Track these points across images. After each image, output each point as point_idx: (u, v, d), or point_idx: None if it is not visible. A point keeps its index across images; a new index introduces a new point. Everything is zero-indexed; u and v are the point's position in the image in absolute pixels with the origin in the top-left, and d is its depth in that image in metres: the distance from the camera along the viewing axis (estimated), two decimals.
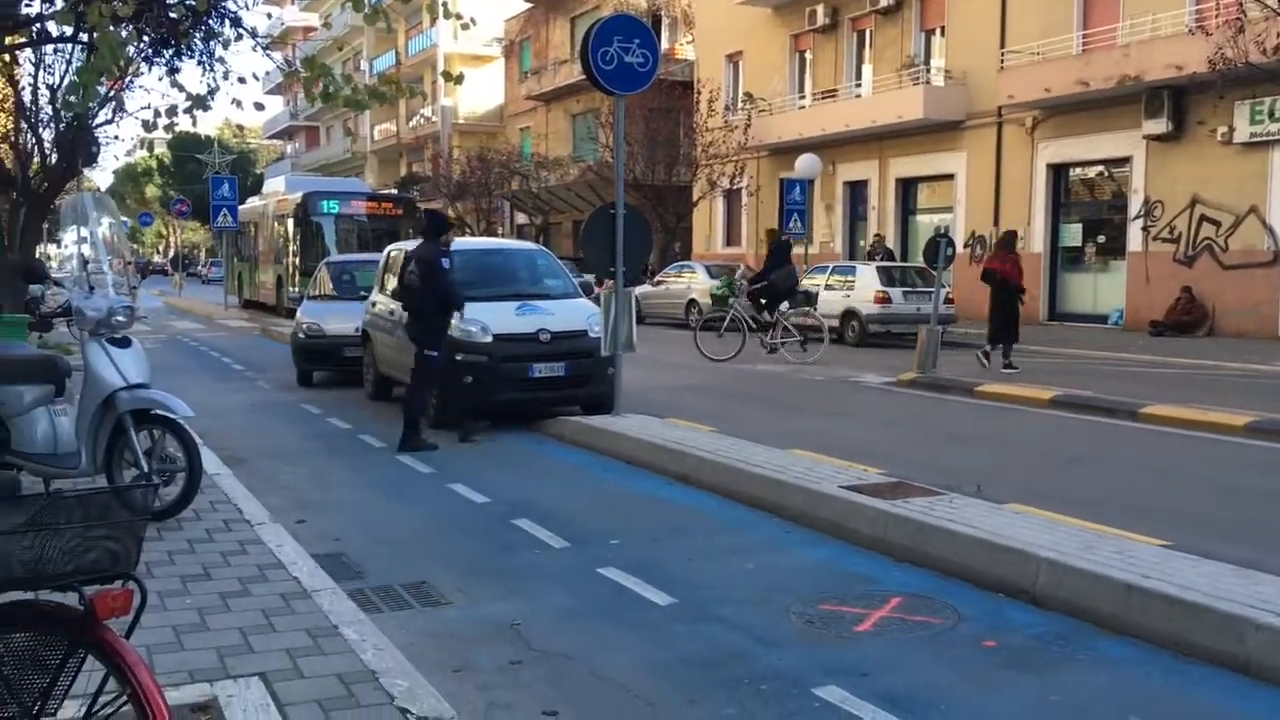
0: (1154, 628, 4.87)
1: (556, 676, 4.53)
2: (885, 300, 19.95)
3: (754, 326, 17.73)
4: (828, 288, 21.17)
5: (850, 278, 20.99)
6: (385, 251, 13.76)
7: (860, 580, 5.88)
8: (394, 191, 37.61)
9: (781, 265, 17.88)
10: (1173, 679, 4.52)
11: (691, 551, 6.44)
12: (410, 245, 12.92)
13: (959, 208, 25.86)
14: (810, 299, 18.82)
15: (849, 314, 20.42)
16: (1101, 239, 23.41)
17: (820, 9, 28.79)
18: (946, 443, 10.19)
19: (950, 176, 26.20)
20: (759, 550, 6.49)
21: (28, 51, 16.70)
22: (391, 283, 12.40)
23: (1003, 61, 23.89)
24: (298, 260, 25.67)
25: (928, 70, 26.39)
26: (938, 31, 26.64)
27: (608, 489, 8.31)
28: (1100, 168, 23.56)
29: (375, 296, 12.99)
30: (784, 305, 17.70)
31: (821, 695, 4.30)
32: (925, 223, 27.19)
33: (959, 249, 21.38)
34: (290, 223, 26.65)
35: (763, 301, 17.74)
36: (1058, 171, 23.95)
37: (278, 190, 30.61)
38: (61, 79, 18.25)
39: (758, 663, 4.67)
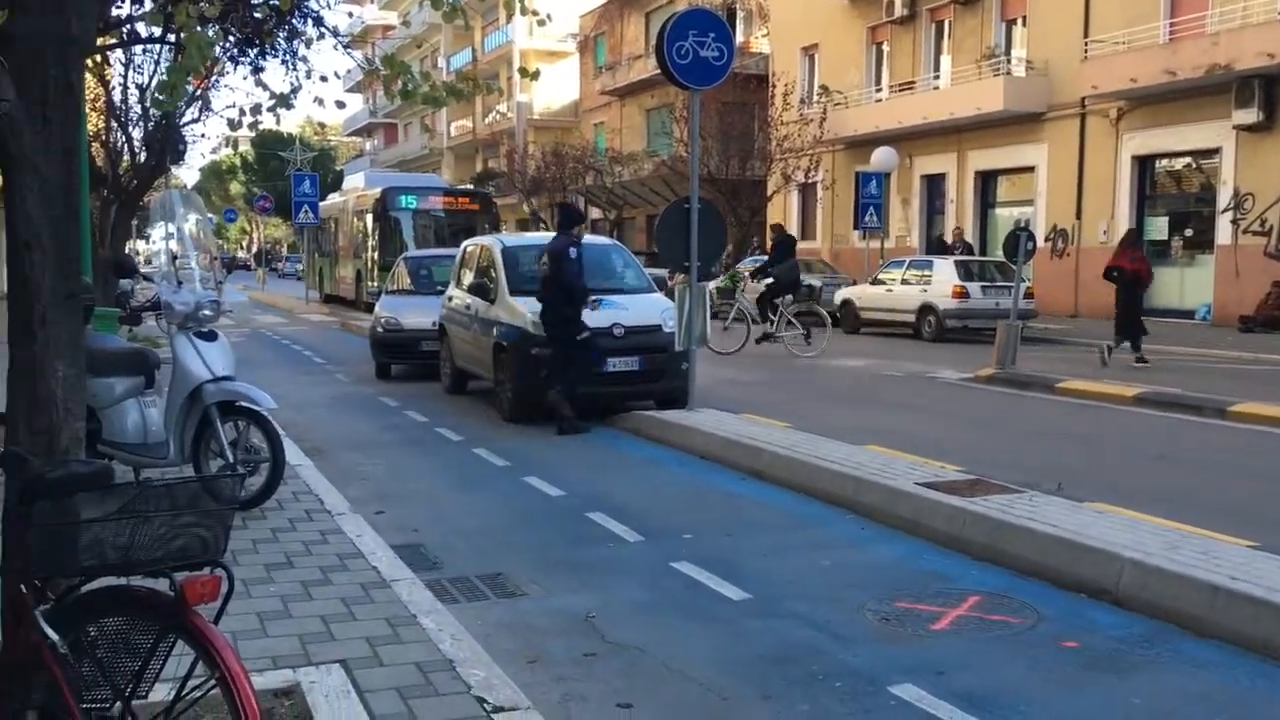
0: (1240, 630, 4.74)
1: (630, 669, 4.55)
2: (963, 295, 19.65)
3: (758, 319, 18.05)
4: (903, 282, 20.93)
5: (927, 272, 20.72)
6: (462, 247, 13.91)
7: (937, 578, 5.81)
8: (470, 187, 37.92)
9: (784, 259, 18.44)
10: (1260, 683, 4.40)
11: (765, 547, 6.42)
12: (487, 240, 13.05)
13: (1040, 201, 25.37)
14: (813, 292, 19.14)
15: (925, 309, 20.16)
16: (1189, 232, 22.80)
17: (898, 0, 28.45)
18: (1026, 440, 10.02)
19: (1031, 169, 25.72)
20: (834, 546, 6.45)
21: (118, 52, 17.18)
22: (468, 278, 12.55)
23: (1086, 51, 23.38)
24: (376, 255, 26.05)
25: (1008, 61, 25.92)
26: (1018, 21, 26.15)
27: (681, 484, 8.32)
28: (1187, 159, 22.94)
29: (452, 291, 13.14)
30: (787, 298, 17.95)
31: (897, 694, 4.26)
32: (1005, 216, 26.73)
33: (1039, 243, 20.95)
34: (369, 218, 27.00)
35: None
36: (1143, 163, 23.38)
37: (357, 186, 31.01)
38: (150, 79, 18.78)
39: (832, 660, 4.64)
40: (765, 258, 27.50)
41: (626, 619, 5.16)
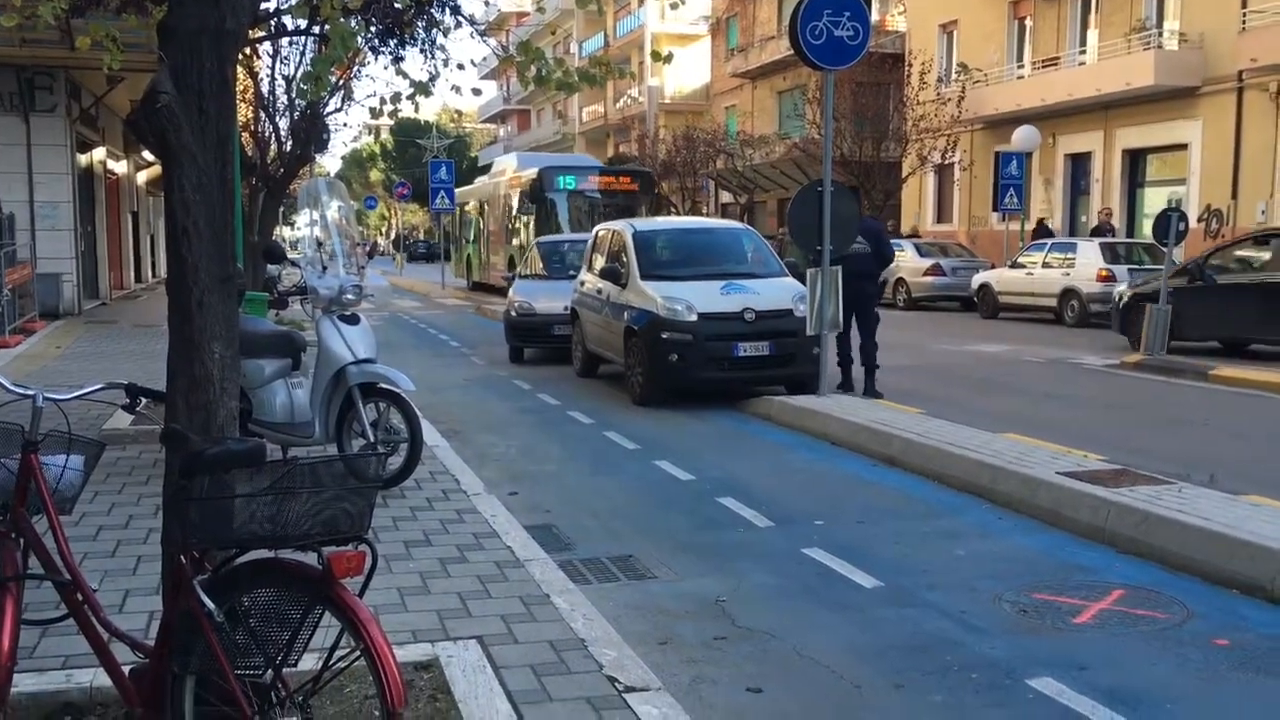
0: None
1: (760, 654, 4.54)
2: (1109, 279, 18.91)
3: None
4: (1045, 266, 20.27)
5: (1070, 255, 20.02)
6: (594, 231, 14.01)
7: (1078, 570, 5.64)
8: (630, 166, 35.46)
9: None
10: None
11: (898, 535, 6.33)
12: (618, 224, 13.11)
13: (1193, 179, 24.22)
14: None
15: (1068, 293, 19.49)
16: None
17: None
18: (1176, 429, 9.62)
19: (1183, 147, 24.56)
20: (969, 536, 6.32)
21: (266, 44, 17.80)
22: (600, 262, 12.65)
23: (1244, 22, 22.19)
24: (533, 239, 25.47)
25: (1159, 34, 24.79)
26: None
27: (812, 469, 8.25)
28: None
29: (584, 276, 13.26)
30: None
31: (1036, 686, 4.15)
32: (1154, 196, 25.63)
33: (1192, 223, 20.01)
34: (523, 199, 26.07)
35: None
36: None
37: (507, 168, 29.89)
38: (296, 70, 19.43)
39: (967, 650, 4.55)
40: (895, 243, 27.06)
41: (757, 604, 5.15)
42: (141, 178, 29.39)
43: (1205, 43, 23.44)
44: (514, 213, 27.56)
